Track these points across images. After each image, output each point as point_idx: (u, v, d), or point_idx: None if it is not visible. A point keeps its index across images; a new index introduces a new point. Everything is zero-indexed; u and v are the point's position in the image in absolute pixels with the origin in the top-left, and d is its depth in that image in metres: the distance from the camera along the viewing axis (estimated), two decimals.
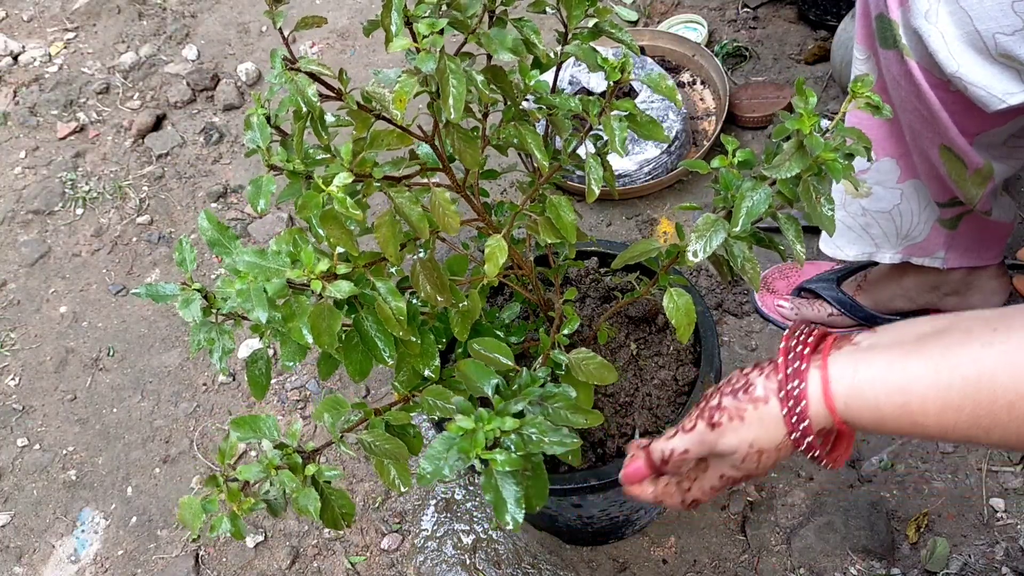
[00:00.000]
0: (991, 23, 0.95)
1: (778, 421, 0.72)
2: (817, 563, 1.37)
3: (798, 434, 0.71)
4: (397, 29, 0.62)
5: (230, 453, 0.75)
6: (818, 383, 0.70)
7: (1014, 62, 0.96)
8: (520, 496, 0.74)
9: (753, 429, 0.73)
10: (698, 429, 0.76)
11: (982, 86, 0.99)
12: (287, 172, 0.72)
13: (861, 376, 0.68)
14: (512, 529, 0.74)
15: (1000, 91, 0.99)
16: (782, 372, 0.71)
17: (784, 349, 0.72)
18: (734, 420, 0.73)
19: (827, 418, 0.70)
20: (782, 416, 0.71)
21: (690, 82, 2.08)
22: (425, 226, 0.73)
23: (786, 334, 0.74)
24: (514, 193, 1.99)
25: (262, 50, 2.50)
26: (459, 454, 0.72)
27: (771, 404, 0.72)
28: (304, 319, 0.71)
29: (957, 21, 0.97)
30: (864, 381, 0.68)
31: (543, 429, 0.75)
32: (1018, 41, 0.94)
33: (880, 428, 0.69)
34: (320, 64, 0.66)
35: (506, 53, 0.65)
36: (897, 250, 1.39)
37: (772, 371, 0.73)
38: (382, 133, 0.69)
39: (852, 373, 0.68)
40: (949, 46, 0.98)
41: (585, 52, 0.77)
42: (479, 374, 0.83)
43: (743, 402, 0.73)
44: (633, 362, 1.19)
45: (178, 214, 2.11)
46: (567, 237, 0.83)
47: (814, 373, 0.70)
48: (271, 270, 0.67)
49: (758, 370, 0.74)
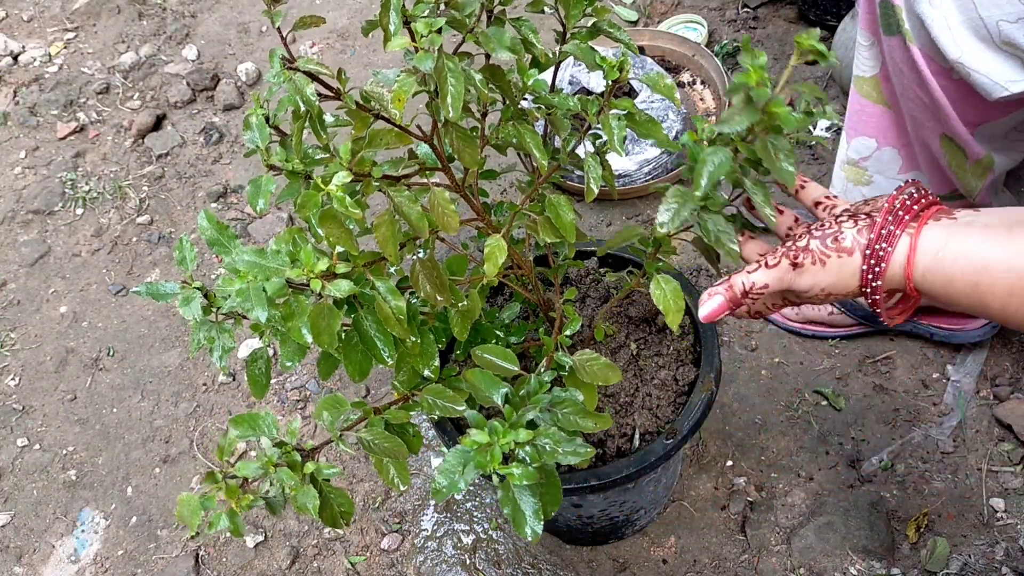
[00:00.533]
0: (994, 10, 0.95)
1: (855, 274, 0.75)
2: (817, 563, 1.36)
3: (869, 289, 0.74)
4: (395, 28, 0.62)
5: (228, 449, 0.75)
6: (905, 250, 0.72)
7: (1017, 50, 0.96)
8: (538, 507, 0.74)
9: (831, 276, 0.76)
10: (781, 266, 0.77)
11: (984, 73, 0.99)
12: (286, 172, 0.72)
13: (946, 250, 0.71)
14: (532, 541, 0.74)
15: (1003, 79, 0.99)
16: (876, 232, 0.73)
17: (887, 209, 0.73)
18: (816, 264, 0.76)
19: (901, 281, 0.73)
20: (860, 271, 0.74)
21: (690, 82, 2.08)
22: (424, 225, 0.73)
23: (895, 192, 0.75)
24: (514, 193, 1.99)
25: (262, 50, 2.50)
26: (475, 469, 0.72)
27: (855, 257, 0.74)
28: (304, 318, 0.71)
29: (960, 7, 0.97)
30: (947, 256, 0.70)
31: (557, 439, 0.75)
32: (1021, 28, 0.94)
33: (948, 300, 0.72)
34: (319, 64, 0.66)
35: (504, 52, 0.65)
36: None
37: (867, 227, 0.74)
38: (380, 132, 0.69)
39: (940, 247, 0.71)
40: (952, 32, 0.98)
41: (583, 51, 0.77)
42: (487, 383, 0.83)
43: (829, 249, 0.75)
44: (633, 362, 1.19)
45: (178, 214, 2.11)
46: (567, 236, 0.83)
47: (904, 239, 0.72)
48: (270, 269, 0.66)
49: (852, 220, 0.76)
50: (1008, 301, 0.69)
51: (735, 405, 1.57)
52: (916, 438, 1.48)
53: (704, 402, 1.12)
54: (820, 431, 1.51)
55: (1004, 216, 0.71)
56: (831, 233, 0.76)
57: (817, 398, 1.55)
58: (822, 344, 1.62)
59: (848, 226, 0.75)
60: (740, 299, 0.80)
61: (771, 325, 1.65)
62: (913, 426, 1.49)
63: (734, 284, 0.80)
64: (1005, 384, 1.50)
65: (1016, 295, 0.68)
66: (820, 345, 1.62)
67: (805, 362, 1.60)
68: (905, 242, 0.72)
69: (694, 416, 1.11)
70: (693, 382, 1.17)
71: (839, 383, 1.56)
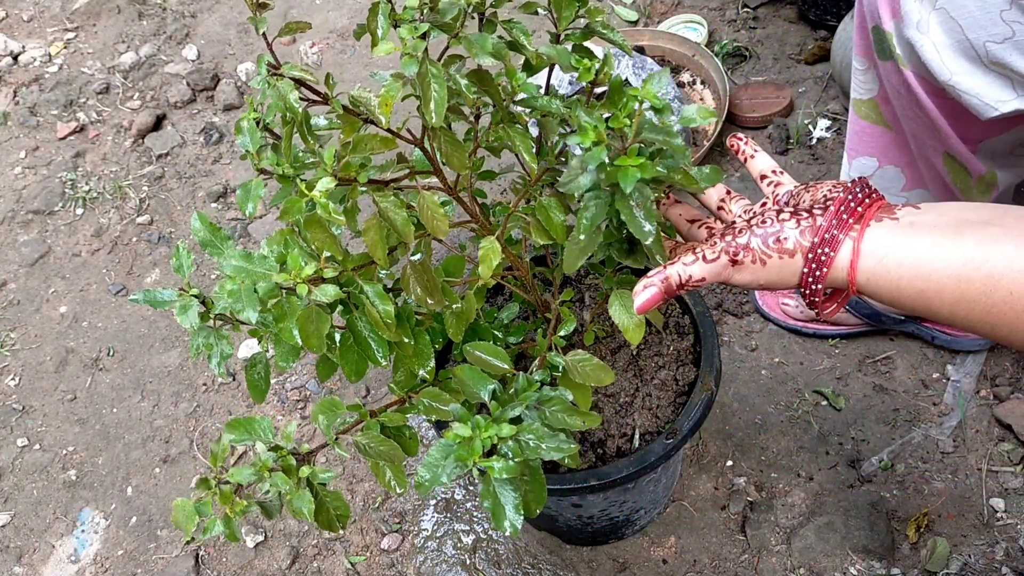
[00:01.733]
0: (981, 32, 0.95)
1: (796, 274, 0.74)
2: (817, 563, 1.36)
3: (808, 290, 0.74)
4: (383, 33, 0.62)
5: (222, 456, 0.75)
6: (848, 255, 0.71)
7: (1006, 69, 0.96)
8: (518, 502, 0.73)
9: (771, 274, 0.75)
10: (720, 262, 0.76)
11: (974, 94, 0.99)
12: (277, 176, 0.72)
13: (890, 256, 0.70)
14: (511, 535, 0.74)
15: (992, 99, 0.99)
16: (819, 236, 0.72)
17: (832, 213, 0.72)
18: (756, 263, 0.75)
19: (844, 284, 0.72)
20: (801, 273, 0.74)
21: (690, 82, 2.08)
22: (410, 230, 0.73)
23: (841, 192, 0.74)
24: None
25: (262, 50, 2.50)
26: (456, 462, 0.72)
27: (796, 259, 0.73)
28: (294, 320, 0.71)
29: (948, 31, 0.97)
30: (891, 261, 0.69)
31: (540, 435, 0.75)
32: (1008, 49, 0.94)
33: (894, 304, 0.71)
34: (303, 69, 0.65)
35: (486, 57, 0.65)
36: None
37: (809, 229, 0.73)
38: (366, 137, 0.69)
39: (883, 251, 0.70)
40: (941, 55, 0.99)
41: (559, 53, 0.76)
42: (475, 380, 0.83)
43: (771, 250, 0.74)
44: (633, 362, 1.19)
45: (178, 214, 2.11)
46: (557, 238, 0.83)
47: (847, 244, 0.71)
48: (257, 274, 0.66)
49: (795, 220, 0.74)
50: (956, 308, 0.68)
51: (735, 405, 1.57)
52: (916, 438, 1.47)
53: (704, 402, 1.11)
54: (820, 431, 1.51)
55: (948, 215, 0.70)
56: (773, 232, 0.74)
57: (817, 398, 1.55)
58: (822, 344, 1.61)
59: (791, 226, 0.74)
60: (675, 291, 0.79)
61: (771, 325, 1.65)
62: (913, 426, 1.49)
63: (670, 276, 0.78)
64: (1005, 384, 1.50)
65: (964, 302, 0.67)
66: (820, 345, 1.61)
67: (805, 362, 1.60)
68: (848, 247, 0.71)
69: (694, 416, 1.10)
70: (693, 382, 1.16)
71: (839, 383, 1.56)
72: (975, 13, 0.94)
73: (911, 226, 0.70)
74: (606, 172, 0.65)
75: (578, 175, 0.65)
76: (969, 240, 0.66)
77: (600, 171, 0.65)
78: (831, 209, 0.73)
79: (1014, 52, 0.95)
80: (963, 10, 0.95)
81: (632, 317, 0.84)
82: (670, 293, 0.79)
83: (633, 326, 0.84)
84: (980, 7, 0.93)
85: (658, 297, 0.79)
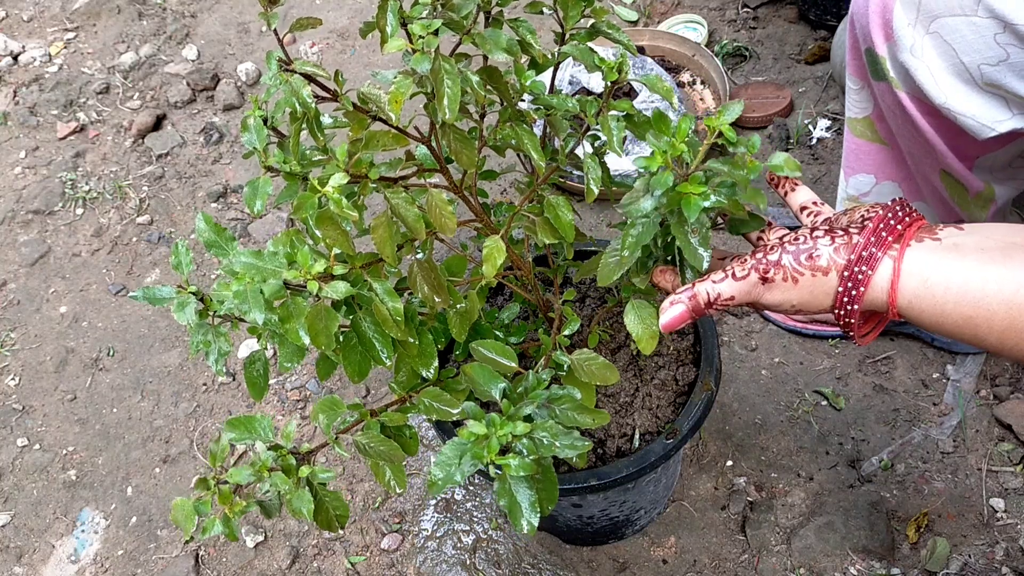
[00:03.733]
0: (975, 55, 0.95)
1: (830, 295, 0.70)
2: (817, 563, 1.36)
3: (843, 311, 0.70)
4: (392, 30, 0.62)
5: (221, 455, 0.75)
6: (888, 275, 0.68)
7: (1001, 90, 0.97)
8: (534, 500, 0.73)
9: (803, 294, 0.71)
10: (749, 280, 0.72)
11: (970, 115, 0.99)
12: (284, 174, 0.72)
13: (936, 278, 0.66)
14: (528, 533, 0.74)
15: (989, 119, 0.99)
16: (856, 252, 0.68)
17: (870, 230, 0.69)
18: (788, 281, 0.71)
19: (883, 306, 0.69)
20: (836, 292, 0.70)
21: (690, 82, 2.08)
22: (421, 227, 0.73)
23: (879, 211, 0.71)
24: (513, 193, 1.99)
25: (262, 50, 2.50)
26: (472, 460, 0.71)
27: (830, 278, 0.70)
28: (301, 320, 0.71)
29: (942, 54, 0.97)
30: (937, 284, 0.66)
31: (554, 433, 0.75)
32: (1003, 71, 0.95)
33: (936, 329, 0.68)
34: (315, 65, 0.66)
35: (501, 53, 0.65)
36: None
37: (844, 246, 0.70)
38: (377, 134, 0.69)
39: (928, 272, 0.66)
40: (936, 78, 0.99)
41: (582, 52, 0.76)
42: (485, 377, 0.83)
43: (803, 267, 0.70)
44: (633, 362, 1.19)
45: (178, 214, 2.11)
46: (566, 237, 0.83)
47: (887, 262, 0.68)
48: (268, 271, 0.66)
49: (829, 239, 0.70)
50: (1005, 336, 0.64)
51: (735, 405, 1.57)
52: (916, 438, 1.48)
53: (704, 402, 1.12)
54: (820, 431, 1.51)
55: (994, 237, 0.67)
56: (806, 249, 0.71)
57: (817, 398, 1.55)
58: (822, 344, 1.62)
59: (824, 243, 0.70)
60: (703, 310, 0.76)
61: (771, 325, 1.65)
62: (913, 426, 1.49)
63: (699, 293, 0.75)
64: (1005, 384, 1.50)
65: (1014, 330, 0.63)
66: (820, 345, 1.62)
67: (805, 362, 1.60)
68: (888, 266, 0.68)
69: (694, 416, 1.11)
70: (693, 382, 1.17)
71: (839, 383, 1.56)
72: (969, 37, 0.94)
73: (956, 248, 0.67)
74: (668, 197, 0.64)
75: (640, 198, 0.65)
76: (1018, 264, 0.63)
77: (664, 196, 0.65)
78: (868, 227, 0.69)
79: (1009, 74, 0.95)
80: (956, 34, 0.95)
81: (647, 328, 0.83)
82: (698, 312, 0.76)
83: (647, 337, 0.83)
84: (974, 31, 0.94)
85: (685, 315, 0.76)
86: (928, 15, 0.96)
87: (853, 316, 0.70)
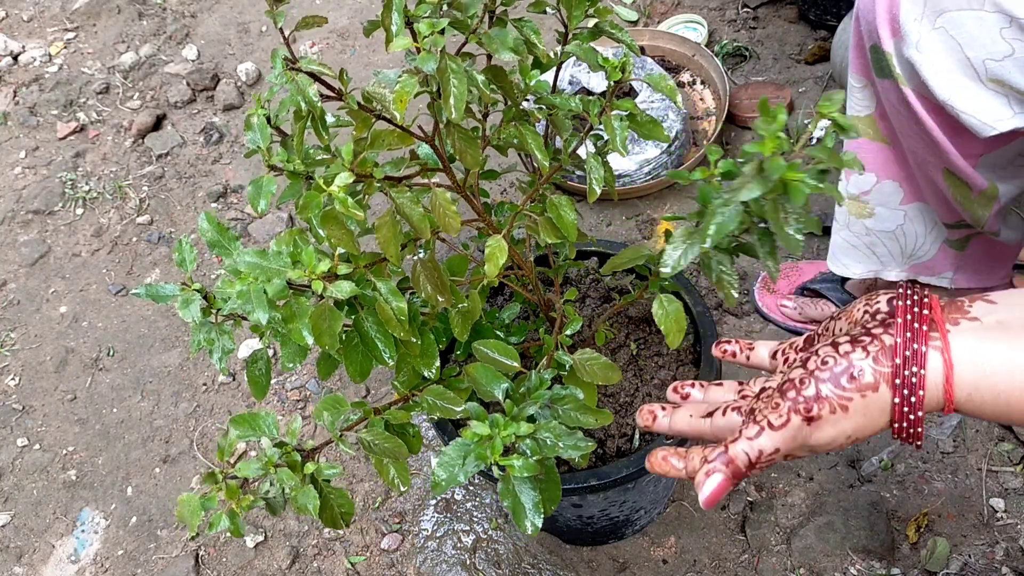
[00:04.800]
0: (980, 50, 0.95)
1: (885, 410, 0.63)
2: (817, 563, 1.37)
3: (905, 423, 0.63)
4: (398, 29, 0.62)
5: (229, 450, 0.75)
6: (940, 369, 0.61)
7: (1004, 87, 0.97)
8: (538, 500, 0.73)
9: (856, 420, 0.64)
10: (792, 425, 0.65)
11: (972, 113, 0.99)
12: (287, 173, 0.72)
13: (991, 364, 0.60)
14: (532, 534, 0.74)
15: (990, 118, 0.99)
16: (899, 356, 0.62)
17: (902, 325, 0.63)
18: (836, 412, 0.63)
19: (938, 403, 0.62)
20: (892, 405, 0.63)
21: (690, 82, 2.08)
22: (426, 226, 0.73)
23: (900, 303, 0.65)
24: (514, 193, 1.99)
25: (262, 50, 2.50)
26: (476, 460, 0.71)
27: (881, 392, 0.62)
28: (304, 320, 0.71)
29: (948, 49, 0.97)
30: (995, 372, 0.59)
31: (557, 433, 0.75)
32: (1008, 66, 0.95)
33: (1000, 419, 0.62)
34: (321, 64, 0.66)
35: (507, 53, 0.65)
36: (903, 268, 1.39)
37: (881, 352, 0.63)
38: (383, 133, 0.69)
39: (981, 360, 0.60)
40: (940, 74, 0.99)
41: (586, 52, 0.77)
42: (488, 378, 0.83)
43: (849, 391, 0.63)
44: (633, 362, 1.19)
45: (178, 214, 2.11)
46: (568, 236, 0.83)
47: (934, 356, 0.61)
48: (272, 270, 0.66)
49: (860, 350, 0.63)
50: None
51: None
52: None
53: None
54: None
55: None
56: (842, 371, 0.63)
57: None
58: None
59: (859, 356, 0.63)
60: (744, 472, 0.67)
61: (771, 325, 1.65)
62: None
63: (736, 457, 0.66)
64: None
65: None
66: None
67: None
68: (937, 360, 0.61)
69: None
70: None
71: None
72: (974, 32, 0.94)
73: (1002, 327, 0.61)
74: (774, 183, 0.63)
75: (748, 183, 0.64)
76: None
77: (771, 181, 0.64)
78: (897, 322, 0.63)
79: (1014, 69, 0.95)
80: (962, 29, 0.95)
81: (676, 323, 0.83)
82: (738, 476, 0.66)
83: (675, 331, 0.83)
84: (979, 26, 0.94)
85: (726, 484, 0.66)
86: (935, 10, 0.96)
87: (919, 424, 0.63)
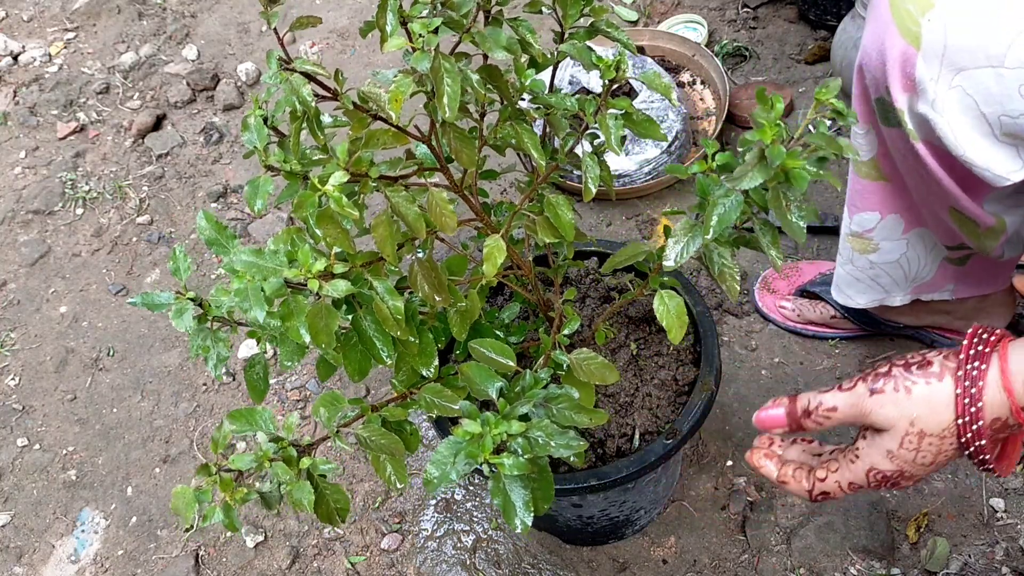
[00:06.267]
0: (997, 107, 0.94)
1: (949, 403, 0.67)
2: (817, 563, 1.36)
3: (967, 418, 0.66)
4: (392, 29, 0.62)
5: (223, 442, 0.75)
6: (997, 368, 0.66)
7: (1016, 139, 0.97)
8: (528, 500, 0.74)
9: (918, 406, 0.68)
10: (856, 391, 0.71)
11: (985, 167, 1.00)
12: (284, 173, 0.72)
13: None
14: (521, 532, 0.74)
15: (1004, 170, 1.00)
16: (964, 353, 0.67)
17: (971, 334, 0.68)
18: (899, 391, 0.68)
19: (1003, 403, 0.66)
20: (954, 396, 0.67)
21: (690, 82, 2.08)
22: (422, 226, 0.73)
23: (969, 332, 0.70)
24: (513, 192, 1.99)
25: (262, 50, 2.50)
26: (466, 459, 0.72)
27: (945, 382, 0.67)
28: (302, 319, 0.71)
29: (964, 109, 0.97)
30: None
31: (549, 432, 0.75)
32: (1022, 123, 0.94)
33: None
34: (315, 64, 0.66)
35: (501, 52, 0.65)
36: (907, 292, 1.39)
37: (952, 353, 0.68)
38: (378, 133, 0.69)
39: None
40: (956, 133, 0.98)
41: (580, 51, 0.77)
42: (482, 377, 0.83)
43: (915, 375, 0.68)
44: (633, 362, 1.19)
45: (178, 214, 2.11)
46: (566, 236, 0.83)
47: (994, 359, 0.66)
48: (268, 269, 0.67)
49: (937, 351, 0.70)
50: None
51: (735, 405, 1.57)
52: None
53: (704, 402, 1.12)
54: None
55: None
56: (915, 361, 0.69)
57: None
58: (822, 344, 1.62)
59: (934, 354, 0.69)
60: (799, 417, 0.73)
61: (771, 325, 1.65)
62: None
63: (800, 399, 0.73)
64: None
65: None
66: (820, 345, 1.62)
67: (805, 362, 1.60)
68: (995, 361, 0.66)
69: (694, 416, 1.11)
70: (693, 382, 1.17)
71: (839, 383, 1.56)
72: (993, 89, 0.93)
73: None
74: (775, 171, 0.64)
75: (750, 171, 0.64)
76: None
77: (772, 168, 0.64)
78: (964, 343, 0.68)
79: None
80: (980, 86, 0.94)
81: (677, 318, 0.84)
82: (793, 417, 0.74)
83: (677, 326, 0.84)
84: (998, 83, 0.93)
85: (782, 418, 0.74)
86: (952, 68, 0.95)
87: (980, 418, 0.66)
